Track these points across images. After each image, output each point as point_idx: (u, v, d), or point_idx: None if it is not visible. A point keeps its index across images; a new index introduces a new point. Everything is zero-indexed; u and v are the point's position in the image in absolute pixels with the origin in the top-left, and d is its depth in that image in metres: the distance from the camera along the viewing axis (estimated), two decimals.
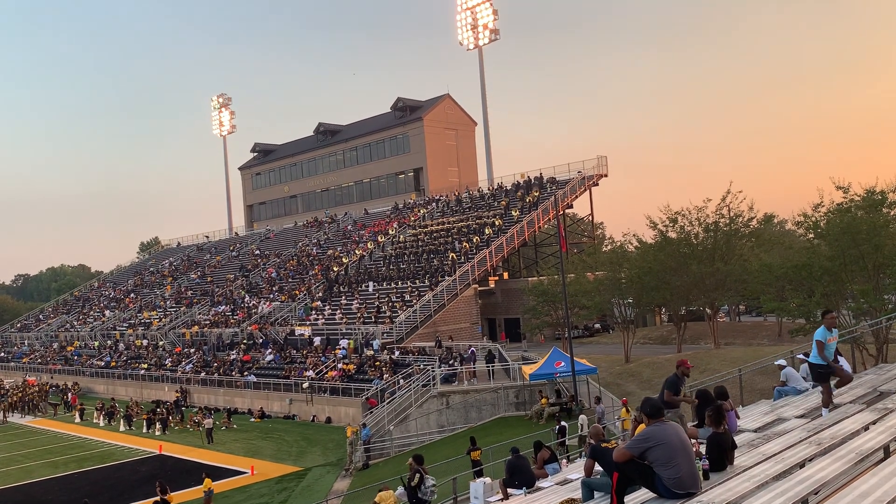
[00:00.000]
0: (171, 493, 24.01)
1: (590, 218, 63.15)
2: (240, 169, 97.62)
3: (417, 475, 16.46)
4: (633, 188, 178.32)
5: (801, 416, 10.40)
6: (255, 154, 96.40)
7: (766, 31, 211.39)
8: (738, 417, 10.73)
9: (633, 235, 46.84)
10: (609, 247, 58.67)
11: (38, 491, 29.99)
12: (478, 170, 77.30)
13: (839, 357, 13.93)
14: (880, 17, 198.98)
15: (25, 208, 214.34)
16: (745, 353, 33.05)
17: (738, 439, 8.48)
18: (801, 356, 14.79)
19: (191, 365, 51.40)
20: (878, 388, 11.69)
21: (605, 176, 59.60)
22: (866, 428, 8.53)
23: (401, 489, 17.16)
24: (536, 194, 57.40)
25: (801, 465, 7.23)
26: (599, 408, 26.08)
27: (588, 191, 59.12)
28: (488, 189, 65.24)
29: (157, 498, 22.26)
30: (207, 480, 24.45)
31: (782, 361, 14.23)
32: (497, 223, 54.39)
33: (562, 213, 54.07)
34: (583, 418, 24.87)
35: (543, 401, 30.92)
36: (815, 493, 6.07)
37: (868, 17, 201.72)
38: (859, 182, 47.06)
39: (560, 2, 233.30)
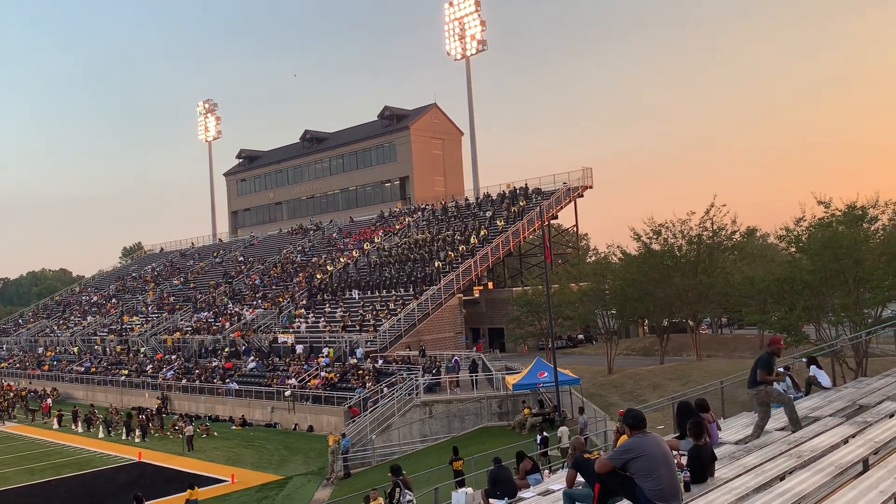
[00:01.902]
0: (149, 502, 23.83)
1: (574, 229, 63.37)
2: (225, 175, 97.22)
3: (398, 489, 16.36)
4: (618, 200, 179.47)
5: (782, 429, 10.46)
6: (241, 160, 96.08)
7: (751, 48, 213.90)
8: (720, 429, 10.78)
9: (618, 247, 47.04)
10: (593, 258, 58.93)
11: (13, 498, 29.54)
12: (464, 179, 77.49)
13: (819, 370, 14.06)
14: (863, 35, 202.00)
15: (6, 211, 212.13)
16: (726, 366, 33.21)
17: (718, 451, 8.51)
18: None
19: (172, 371, 50.95)
20: (857, 402, 11.79)
21: (591, 187, 59.92)
22: (846, 441, 8.60)
23: None
24: (522, 205, 57.58)
25: (781, 477, 7.27)
26: (582, 419, 26.09)
27: (573, 202, 59.38)
28: (474, 199, 65.37)
29: None
30: (190, 491, 24.17)
31: None
32: (482, 233, 54.48)
33: (547, 223, 54.26)
34: (562, 430, 24.88)
35: (526, 411, 30.92)
36: None
37: (851, 35, 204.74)
38: (840, 197, 47.58)
39: (547, 13, 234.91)
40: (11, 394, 55.93)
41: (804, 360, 15.41)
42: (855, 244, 28.84)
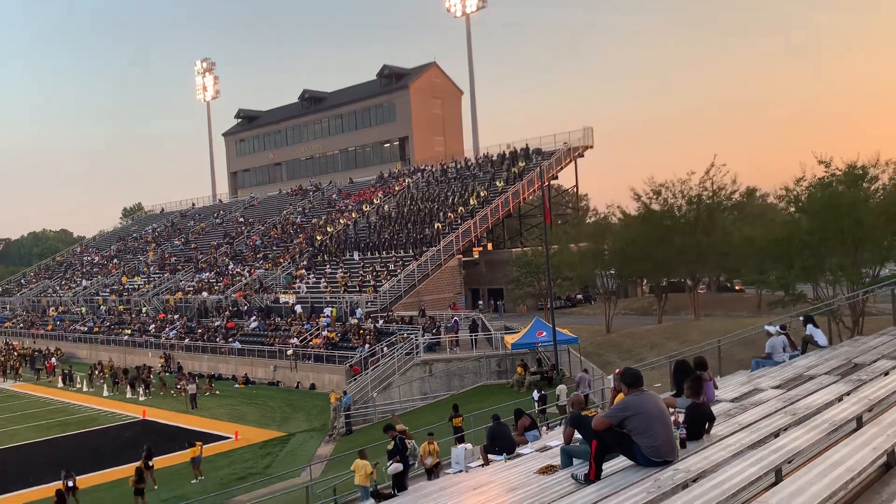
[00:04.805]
0: (157, 458, 24.33)
1: (574, 189, 63.22)
2: (224, 135, 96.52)
3: (405, 441, 16.56)
4: (619, 160, 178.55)
5: (777, 387, 10.58)
6: (240, 120, 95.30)
7: (758, 6, 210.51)
8: (716, 388, 10.88)
9: (617, 207, 47.02)
10: (593, 218, 58.92)
11: (22, 454, 30.06)
12: (464, 139, 76.98)
13: (816, 329, 14.15)
14: None
15: (6, 170, 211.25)
16: (724, 325, 33.47)
17: (715, 409, 8.62)
18: (777, 327, 14.94)
19: (175, 331, 51.34)
20: (852, 360, 11.89)
21: (591, 147, 59.57)
22: (840, 399, 8.69)
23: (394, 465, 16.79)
24: (522, 165, 57.30)
25: (776, 434, 7.38)
26: (586, 377, 25.78)
27: (573, 162, 59.09)
28: (474, 159, 65.01)
29: (140, 463, 22.50)
30: (194, 448, 24.63)
31: (772, 328, 14.08)
32: (482, 194, 54.33)
33: (547, 184, 54.09)
34: (561, 388, 25.11)
35: (520, 370, 31.20)
36: (789, 462, 6.21)
37: None
38: (841, 157, 47.32)
39: None
40: (16, 353, 56.48)
41: (801, 318, 15.49)
42: (855, 204, 28.79)
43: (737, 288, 56.13)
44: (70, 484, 21.13)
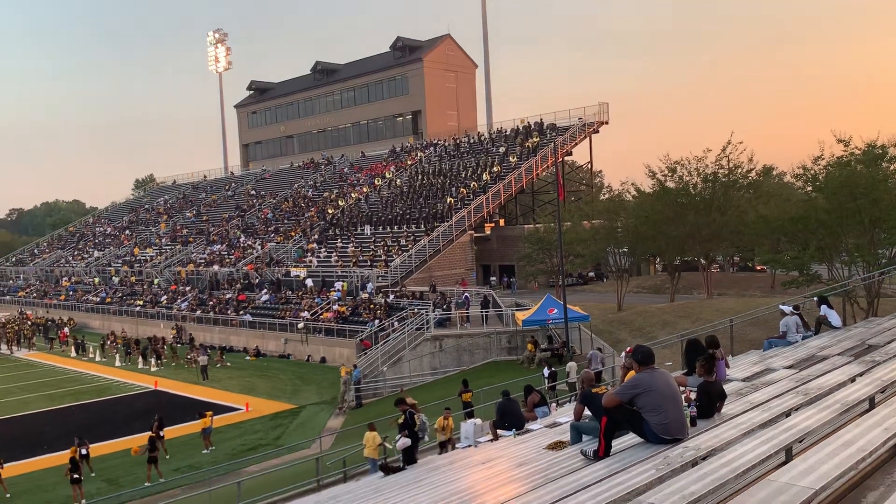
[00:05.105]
0: (168, 428, 24.62)
1: (588, 166, 62.78)
2: (236, 107, 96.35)
3: (415, 416, 16.59)
4: (634, 136, 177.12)
5: (790, 367, 10.51)
6: (252, 92, 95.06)
7: None
8: (728, 367, 10.83)
9: (632, 184, 46.69)
10: (607, 195, 58.55)
11: (34, 422, 30.48)
12: (477, 114, 76.43)
13: (830, 309, 14.03)
14: None
15: (19, 141, 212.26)
16: (737, 304, 33.32)
17: (726, 388, 8.57)
18: (791, 308, 14.82)
19: (186, 303, 51.68)
20: (866, 342, 11.81)
21: (606, 123, 58.99)
22: (853, 380, 8.63)
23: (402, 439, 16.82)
24: (535, 140, 56.90)
25: (787, 414, 7.33)
26: (598, 354, 25.66)
27: (588, 138, 58.60)
28: (487, 134, 64.61)
29: (152, 433, 22.77)
30: (205, 419, 24.86)
31: (786, 308, 13.95)
32: (495, 169, 54.06)
33: (560, 160, 53.74)
34: (571, 365, 25.11)
35: (530, 346, 31.24)
36: (800, 441, 6.16)
37: None
38: (861, 135, 46.64)
39: None
40: (30, 322, 57.12)
41: (815, 299, 15.36)
42: (873, 183, 28.41)
43: (757, 268, 55.76)
44: (83, 452, 21.45)
